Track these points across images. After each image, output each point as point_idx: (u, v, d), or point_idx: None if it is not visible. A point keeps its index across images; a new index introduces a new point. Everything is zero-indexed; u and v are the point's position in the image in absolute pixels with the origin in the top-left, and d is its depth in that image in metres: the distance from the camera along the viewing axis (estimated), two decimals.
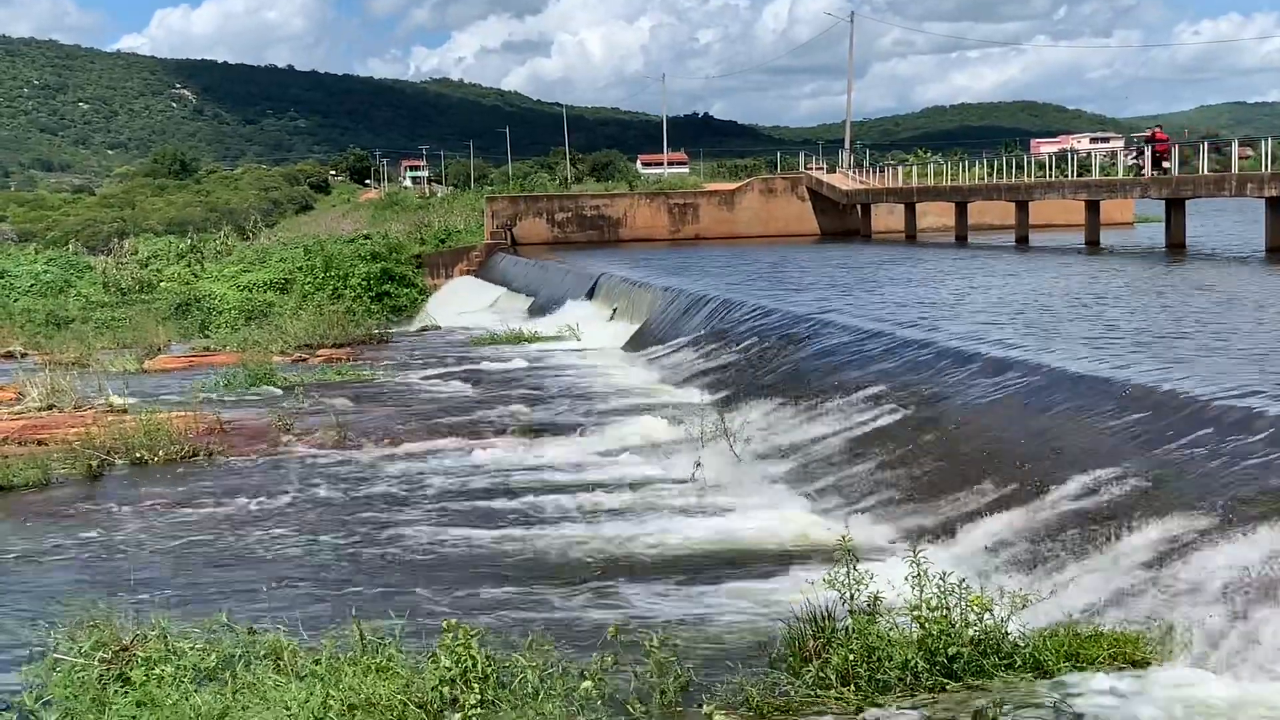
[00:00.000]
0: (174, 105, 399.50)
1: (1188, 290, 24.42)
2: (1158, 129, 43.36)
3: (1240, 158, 39.30)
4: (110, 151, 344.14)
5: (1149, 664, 8.42)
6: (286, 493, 15.68)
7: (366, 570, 12.30)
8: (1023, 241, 45.32)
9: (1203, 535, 9.27)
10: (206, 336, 37.40)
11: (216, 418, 19.84)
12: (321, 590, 11.62)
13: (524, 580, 11.67)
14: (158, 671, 8.21)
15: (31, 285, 47.92)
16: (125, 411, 20.50)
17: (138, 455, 17.65)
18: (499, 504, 14.70)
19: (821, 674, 8.31)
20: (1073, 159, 53.23)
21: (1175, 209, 38.85)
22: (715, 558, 12.28)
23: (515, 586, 11.46)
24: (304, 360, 29.70)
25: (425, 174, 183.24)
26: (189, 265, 54.03)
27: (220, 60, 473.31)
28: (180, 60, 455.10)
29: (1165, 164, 40.86)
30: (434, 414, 20.92)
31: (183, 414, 19.68)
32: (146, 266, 53.71)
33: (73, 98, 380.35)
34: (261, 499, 15.37)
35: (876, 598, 8.79)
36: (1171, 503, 9.91)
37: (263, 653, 8.68)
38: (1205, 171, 39.02)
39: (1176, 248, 37.80)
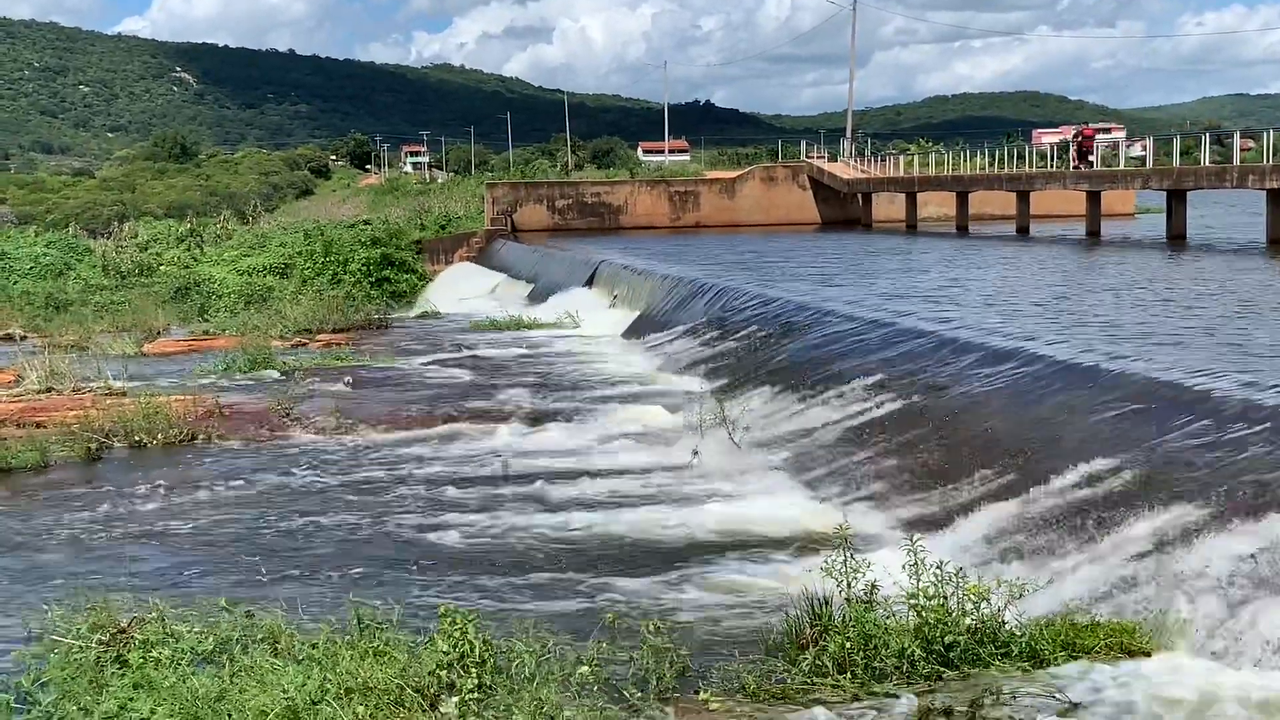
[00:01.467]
0: (175, 89, 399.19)
1: (1187, 283, 24.42)
2: (1086, 126, 49.03)
3: (1242, 149, 39.27)
4: (110, 134, 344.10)
5: (1146, 653, 8.43)
6: (284, 476, 15.69)
7: (363, 555, 12.30)
8: (1023, 232, 45.28)
9: (1199, 526, 9.28)
10: (206, 320, 37.33)
11: (215, 401, 19.84)
12: (318, 574, 11.62)
13: (519, 568, 11.68)
14: (155, 654, 8.22)
15: (31, 268, 47.87)
16: (124, 394, 20.49)
17: (136, 438, 17.66)
18: (497, 491, 14.71)
19: (818, 661, 8.32)
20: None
21: (1176, 200, 38.81)
22: (713, 545, 12.28)
23: (510, 575, 11.47)
24: (303, 345, 29.70)
25: (426, 159, 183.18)
26: (189, 249, 53.96)
27: (221, 44, 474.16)
28: (181, 44, 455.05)
29: (1090, 158, 46.48)
30: (433, 400, 20.92)
31: (181, 397, 19.70)
32: (146, 250, 53.62)
33: (73, 80, 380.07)
34: (259, 482, 15.39)
35: (874, 586, 8.79)
36: (1169, 493, 9.92)
37: (260, 636, 8.69)
38: (1207, 163, 38.99)
39: (1177, 239, 37.76)
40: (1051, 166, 48.60)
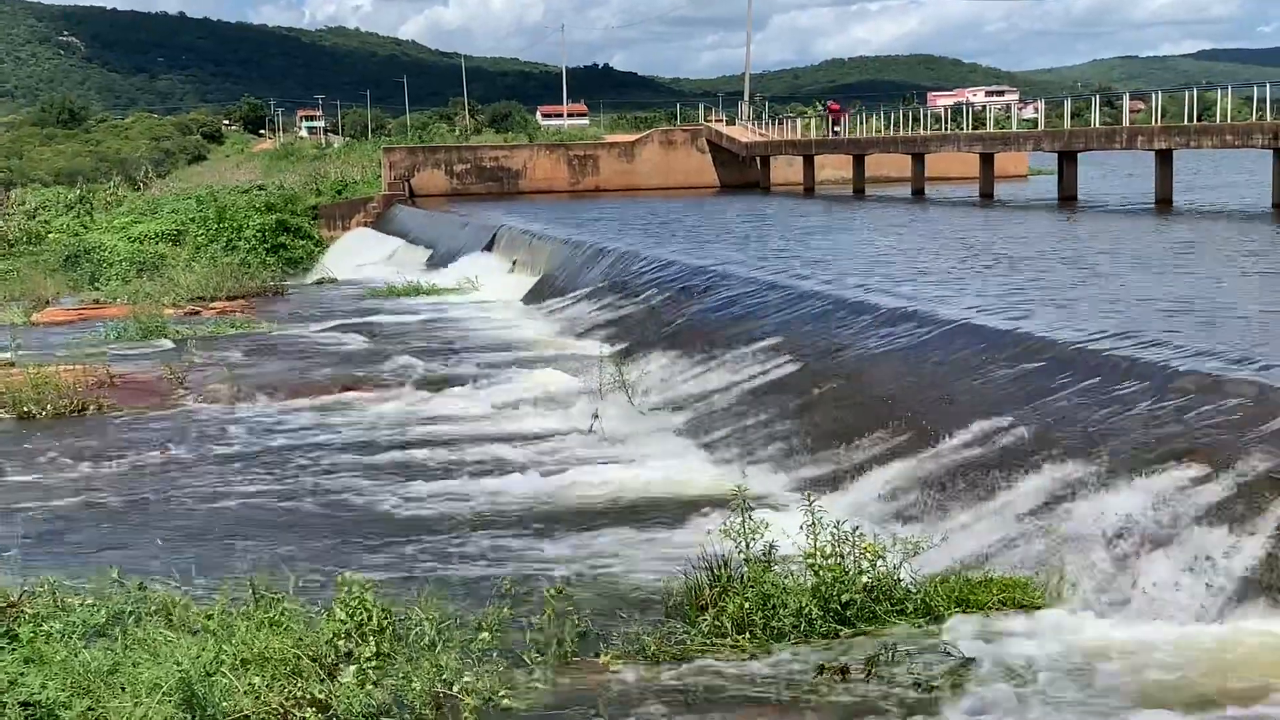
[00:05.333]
0: (62, 53, 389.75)
1: (1066, 242, 24.84)
2: (832, 101, 61.12)
3: (1132, 111, 40.01)
4: None
5: (1039, 608, 8.59)
6: (176, 446, 15.45)
7: (259, 524, 12.17)
8: (919, 194, 45.69)
9: (1086, 483, 9.47)
10: (97, 289, 36.60)
11: (106, 371, 19.46)
12: (213, 545, 11.47)
13: (418, 536, 11.62)
14: (46, 628, 8.07)
15: None
16: (12, 365, 20.05)
17: (25, 409, 17.29)
18: (397, 457, 14.61)
19: (717, 622, 8.38)
20: (968, 112, 53.76)
21: (1067, 161, 39.42)
22: (613, 509, 12.31)
23: (414, 543, 11.42)
24: (197, 313, 29.25)
25: (321, 124, 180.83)
26: (78, 216, 52.83)
27: (109, 6, 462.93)
28: (67, 6, 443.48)
29: (837, 128, 54.51)
30: (330, 367, 20.70)
31: (71, 368, 19.29)
32: (34, 218, 52.45)
33: None
34: (152, 453, 15.13)
35: (772, 547, 8.87)
36: (1058, 450, 10.10)
37: (154, 608, 8.57)
38: (1097, 125, 39.62)
39: (1068, 200, 38.38)
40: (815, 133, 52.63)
